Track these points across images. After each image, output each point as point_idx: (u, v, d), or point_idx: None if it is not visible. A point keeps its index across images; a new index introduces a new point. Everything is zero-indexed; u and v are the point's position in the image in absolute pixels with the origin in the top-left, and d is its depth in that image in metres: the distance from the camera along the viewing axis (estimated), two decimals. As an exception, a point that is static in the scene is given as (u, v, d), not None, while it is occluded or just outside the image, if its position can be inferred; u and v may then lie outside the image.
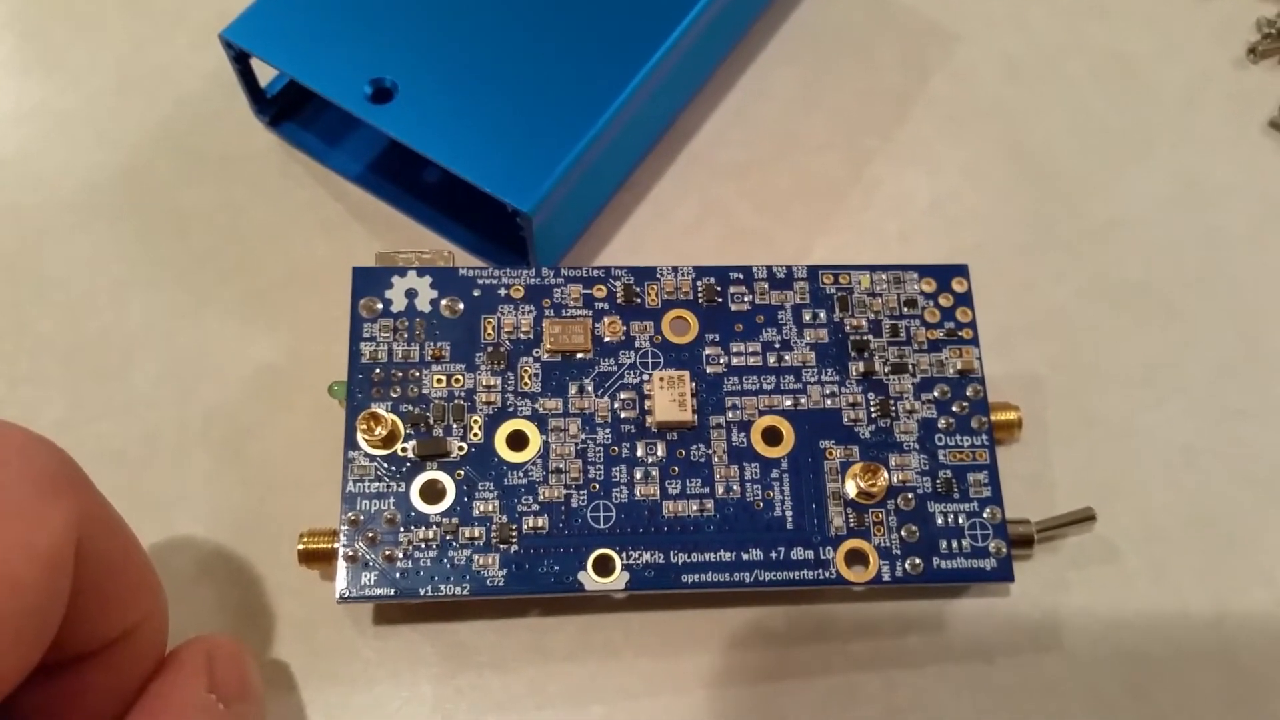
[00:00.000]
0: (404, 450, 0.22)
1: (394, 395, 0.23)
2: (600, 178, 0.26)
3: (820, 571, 0.22)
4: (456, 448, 0.22)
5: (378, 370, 0.23)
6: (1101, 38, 0.31)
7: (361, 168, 0.27)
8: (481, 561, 0.22)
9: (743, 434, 0.23)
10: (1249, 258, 0.28)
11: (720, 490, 0.22)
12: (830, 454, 0.23)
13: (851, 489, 0.22)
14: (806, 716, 0.23)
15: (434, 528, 0.22)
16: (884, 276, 0.24)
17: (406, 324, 0.23)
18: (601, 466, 0.23)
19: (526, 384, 0.23)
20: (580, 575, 0.22)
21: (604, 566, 0.22)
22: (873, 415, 0.23)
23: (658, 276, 0.24)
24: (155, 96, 0.29)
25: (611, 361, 0.23)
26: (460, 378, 0.23)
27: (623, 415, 0.23)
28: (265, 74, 0.27)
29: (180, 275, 0.26)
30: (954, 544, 0.22)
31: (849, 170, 0.28)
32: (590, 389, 0.23)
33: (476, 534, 0.22)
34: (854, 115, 0.29)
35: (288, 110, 0.28)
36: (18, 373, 0.25)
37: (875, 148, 0.29)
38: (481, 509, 0.22)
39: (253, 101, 0.27)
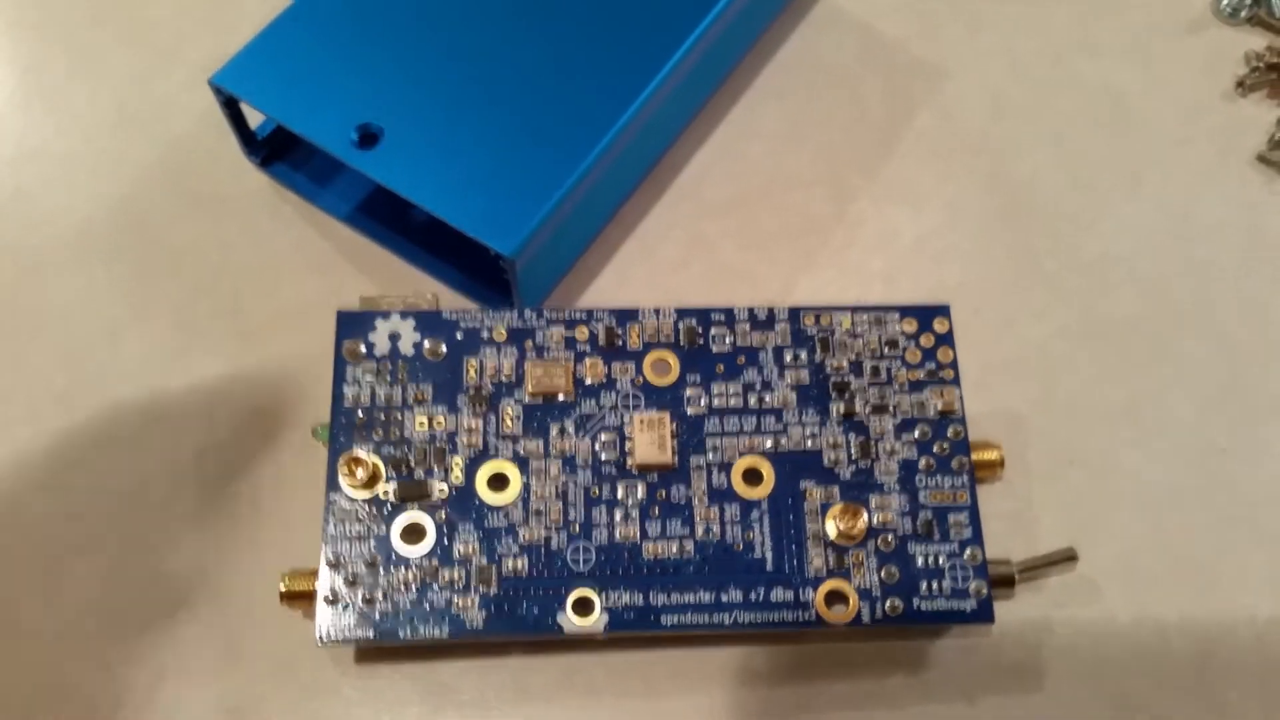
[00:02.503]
0: (385, 493, 0.22)
1: (376, 438, 0.23)
2: (585, 218, 0.27)
3: (800, 613, 0.22)
4: (438, 490, 0.23)
5: (360, 413, 0.23)
6: (1089, 72, 0.31)
7: (350, 208, 0.28)
8: (461, 603, 0.22)
9: (723, 475, 0.23)
10: (1235, 293, 0.28)
11: (700, 531, 0.23)
12: (810, 495, 0.23)
13: (831, 530, 0.23)
14: (786, 758, 0.23)
15: (414, 570, 0.22)
16: (865, 317, 0.24)
17: (390, 367, 0.23)
18: (582, 508, 0.23)
19: (508, 426, 0.23)
20: (559, 617, 0.22)
21: (583, 608, 0.22)
22: (853, 456, 0.23)
23: (639, 318, 0.24)
24: (150, 137, 0.29)
25: (593, 403, 0.24)
26: (442, 420, 0.23)
27: (603, 456, 0.23)
28: (255, 116, 0.27)
29: (173, 314, 0.27)
30: (934, 585, 0.22)
31: (834, 207, 0.28)
32: (571, 430, 0.23)
33: (456, 576, 0.22)
34: (839, 152, 0.29)
35: (278, 151, 0.28)
36: (13, 411, 0.26)
37: (860, 185, 0.29)
38: (462, 551, 0.22)
39: (243, 143, 0.27)
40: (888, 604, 0.22)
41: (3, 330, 0.27)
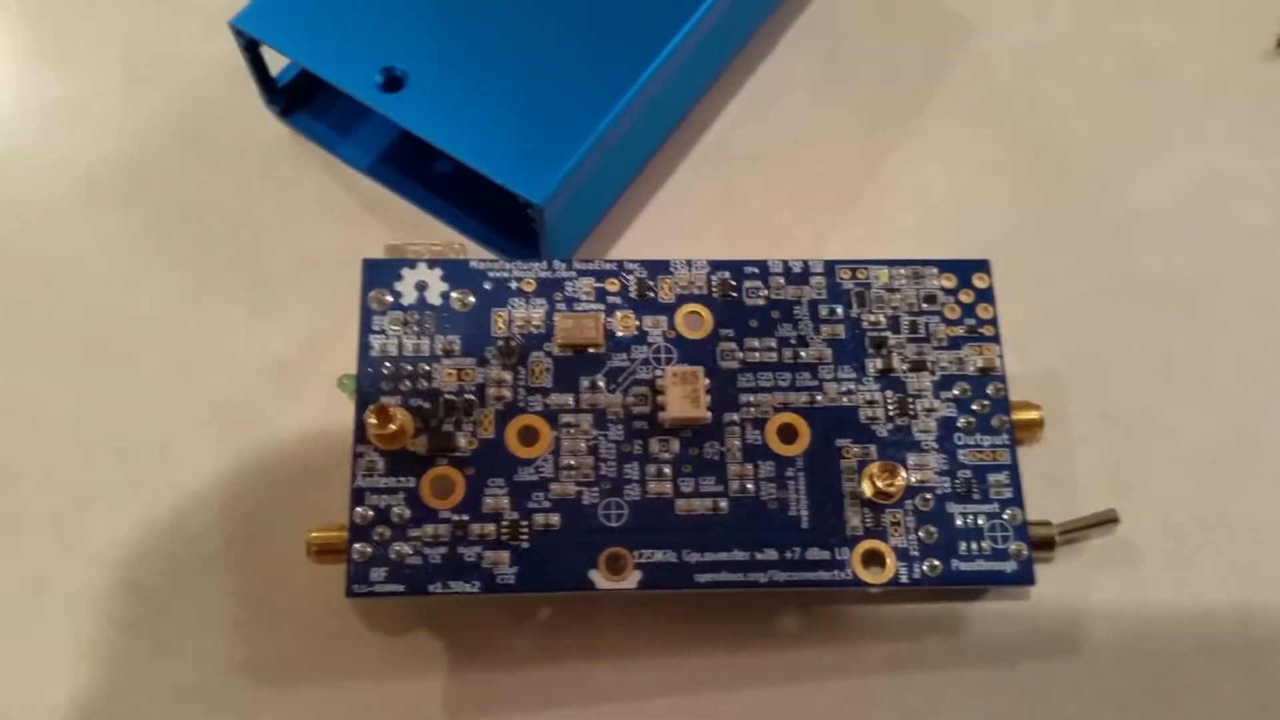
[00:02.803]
0: (414, 445, 0.22)
1: (404, 389, 0.22)
2: (614, 169, 0.26)
3: (836, 572, 0.22)
4: (466, 443, 0.22)
5: (387, 364, 0.22)
6: (1123, 28, 0.30)
7: (372, 158, 0.27)
8: (492, 559, 0.21)
9: (757, 431, 0.23)
10: (1272, 254, 0.27)
11: (734, 488, 0.22)
12: (847, 453, 0.22)
13: (868, 489, 0.22)
14: (820, 719, 0.22)
15: (444, 524, 0.21)
16: (903, 272, 0.24)
17: (417, 317, 0.23)
18: (614, 463, 0.22)
19: (538, 379, 0.23)
20: (592, 574, 0.21)
21: (616, 565, 0.21)
22: (890, 413, 0.23)
23: (671, 270, 0.24)
24: (165, 84, 0.28)
25: (624, 356, 0.23)
26: (471, 372, 0.23)
27: (635, 411, 0.23)
28: (276, 63, 0.26)
29: (189, 265, 0.26)
30: (973, 546, 0.22)
31: (866, 162, 0.28)
32: (602, 384, 0.23)
33: (487, 530, 0.21)
34: (872, 106, 0.29)
35: (299, 100, 0.27)
36: (25, 361, 0.25)
37: (893, 139, 0.28)
38: (492, 505, 0.22)
39: (263, 91, 0.27)
40: (926, 565, 0.22)
41: (13, 282, 0.26)
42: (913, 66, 0.29)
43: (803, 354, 0.23)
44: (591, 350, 0.23)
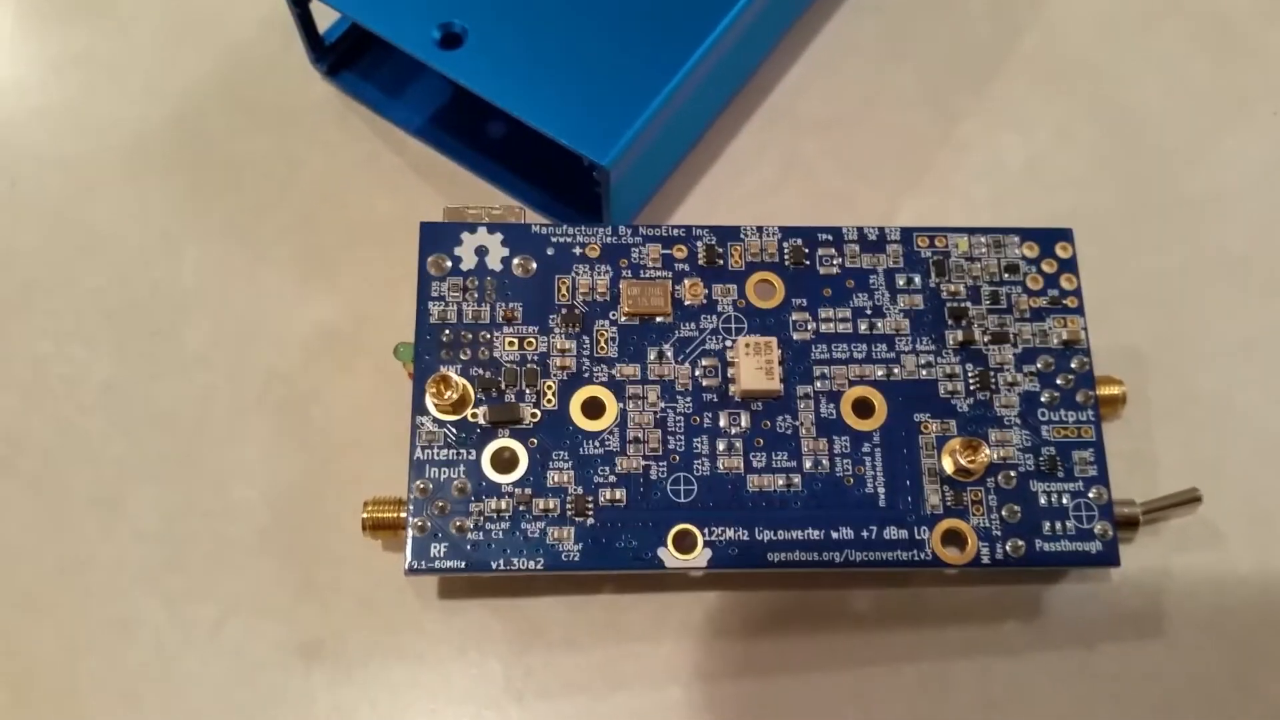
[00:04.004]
0: (474, 416, 0.21)
1: (464, 358, 0.21)
2: (678, 131, 0.25)
3: (915, 552, 0.21)
4: (529, 414, 0.21)
5: (447, 331, 0.21)
6: (1200, -8, 0.29)
7: (423, 120, 0.26)
8: (556, 535, 0.20)
9: (832, 405, 0.22)
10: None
11: (808, 464, 0.21)
12: (926, 428, 0.21)
13: (949, 465, 0.21)
14: (896, 704, 0.21)
15: (506, 498, 0.21)
16: (983, 240, 0.23)
17: (476, 283, 0.22)
18: (682, 437, 0.21)
19: (603, 348, 0.22)
20: (660, 551, 0.20)
21: (685, 542, 0.21)
22: (971, 387, 0.22)
23: (741, 237, 0.23)
24: (206, 42, 0.27)
25: (692, 326, 0.22)
26: (533, 340, 0.22)
27: (704, 383, 0.22)
28: (323, 19, 0.25)
29: (235, 230, 0.25)
30: (1057, 525, 0.21)
31: (937, 129, 0.27)
32: (670, 354, 0.22)
33: (551, 505, 0.21)
34: (942, 70, 0.27)
35: (346, 59, 0.26)
36: (65, 330, 0.24)
37: (965, 106, 0.27)
38: (556, 479, 0.21)
39: (310, 49, 0.26)
40: (1009, 545, 0.21)
41: (54, 247, 0.25)
42: (982, 32, 0.28)
43: (879, 325, 0.22)
44: (659, 319, 0.22)
